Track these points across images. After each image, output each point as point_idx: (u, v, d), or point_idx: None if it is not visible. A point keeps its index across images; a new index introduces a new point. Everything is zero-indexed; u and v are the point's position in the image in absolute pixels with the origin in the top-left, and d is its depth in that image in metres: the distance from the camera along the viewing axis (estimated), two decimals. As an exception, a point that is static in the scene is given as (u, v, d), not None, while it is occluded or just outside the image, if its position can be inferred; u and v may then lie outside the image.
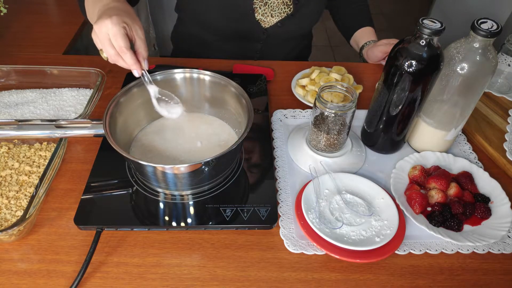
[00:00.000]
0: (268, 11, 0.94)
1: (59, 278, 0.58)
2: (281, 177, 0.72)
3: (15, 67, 0.89)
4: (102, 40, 0.60)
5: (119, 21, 0.59)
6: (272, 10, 0.95)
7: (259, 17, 0.95)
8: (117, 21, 0.58)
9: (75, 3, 1.31)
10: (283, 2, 0.94)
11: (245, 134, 0.62)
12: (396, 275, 0.60)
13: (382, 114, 0.72)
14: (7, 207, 0.64)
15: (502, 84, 0.95)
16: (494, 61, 0.63)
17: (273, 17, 0.96)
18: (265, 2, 0.93)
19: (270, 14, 0.95)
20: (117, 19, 0.59)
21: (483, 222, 0.66)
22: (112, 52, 0.60)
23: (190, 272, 0.59)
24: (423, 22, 0.61)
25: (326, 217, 0.64)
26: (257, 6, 0.94)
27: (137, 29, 0.62)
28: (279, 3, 0.94)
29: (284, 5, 0.95)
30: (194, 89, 0.77)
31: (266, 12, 0.94)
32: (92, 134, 0.66)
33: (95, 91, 0.83)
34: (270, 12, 0.95)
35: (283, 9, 0.95)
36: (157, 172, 0.62)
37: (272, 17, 0.96)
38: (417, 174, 0.71)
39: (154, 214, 0.66)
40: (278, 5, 0.94)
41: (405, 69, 0.64)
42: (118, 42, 0.59)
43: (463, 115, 0.72)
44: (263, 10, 0.94)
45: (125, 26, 0.59)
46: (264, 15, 0.95)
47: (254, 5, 0.94)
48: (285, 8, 0.95)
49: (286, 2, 0.95)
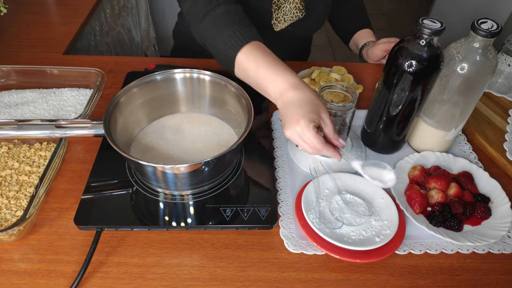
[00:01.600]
0: (281, 15, 0.94)
1: (59, 278, 0.58)
2: (281, 177, 0.72)
3: (15, 67, 0.89)
4: (296, 141, 0.60)
5: (308, 124, 0.57)
6: (285, 15, 0.94)
7: (273, 21, 0.95)
8: (305, 124, 0.57)
9: (75, 3, 1.31)
10: (296, 6, 0.94)
11: (245, 134, 0.62)
12: (396, 275, 0.60)
13: (382, 114, 0.72)
14: (7, 207, 0.64)
15: (502, 84, 0.95)
16: (494, 61, 0.63)
17: (285, 21, 0.96)
18: (279, 6, 0.93)
19: (283, 19, 0.95)
20: (305, 122, 0.57)
21: (483, 222, 0.66)
22: (309, 150, 0.60)
23: (190, 272, 0.59)
24: (423, 22, 0.61)
25: (326, 217, 0.64)
26: (273, 11, 0.94)
27: (324, 118, 0.60)
28: (292, 8, 0.94)
29: (296, 10, 0.95)
30: (194, 89, 0.77)
31: (279, 16, 0.94)
32: (92, 134, 0.66)
33: (95, 91, 0.83)
34: (283, 16, 0.94)
35: (296, 14, 0.95)
36: (157, 172, 0.62)
37: (285, 22, 0.96)
38: (417, 174, 0.71)
39: (154, 214, 0.66)
40: (291, 10, 0.94)
41: (405, 69, 0.64)
42: (313, 145, 0.59)
43: (463, 115, 0.72)
44: (277, 14, 0.94)
45: (314, 125, 0.58)
46: (277, 19, 0.95)
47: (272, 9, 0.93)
48: (297, 12, 0.95)
49: (299, 7, 0.95)
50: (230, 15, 0.69)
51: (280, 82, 0.62)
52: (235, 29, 0.66)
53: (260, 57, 0.64)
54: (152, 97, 0.75)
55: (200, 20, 0.70)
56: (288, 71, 0.63)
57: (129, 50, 1.84)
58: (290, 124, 0.59)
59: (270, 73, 0.63)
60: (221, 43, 0.66)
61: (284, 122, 0.60)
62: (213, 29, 0.69)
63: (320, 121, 0.60)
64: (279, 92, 0.62)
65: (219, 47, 0.67)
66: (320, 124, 0.60)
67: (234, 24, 0.67)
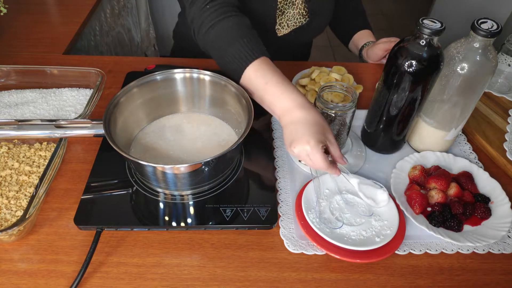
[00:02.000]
0: (285, 21, 0.94)
1: (59, 278, 0.58)
2: (281, 177, 0.72)
3: (15, 67, 0.89)
4: (303, 159, 0.62)
5: (317, 145, 0.59)
6: (288, 20, 0.95)
7: (276, 26, 0.95)
8: (315, 145, 0.59)
9: (75, 3, 1.31)
10: (299, 12, 0.94)
11: (245, 134, 0.62)
12: (396, 275, 0.60)
13: (382, 114, 0.72)
14: (7, 207, 0.64)
15: (502, 84, 0.95)
16: (494, 61, 0.63)
17: (289, 27, 0.96)
18: (283, 12, 0.93)
19: (287, 24, 0.95)
20: (315, 143, 0.59)
21: (483, 222, 0.66)
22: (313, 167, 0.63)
23: (190, 272, 0.59)
24: (423, 22, 0.61)
25: (326, 217, 0.64)
26: (277, 16, 0.94)
27: (330, 138, 0.62)
28: (295, 14, 0.94)
29: (300, 16, 0.95)
30: (194, 89, 0.77)
31: (282, 22, 0.94)
32: (92, 134, 0.66)
33: (95, 91, 0.83)
34: (287, 22, 0.95)
35: (299, 19, 0.96)
36: (157, 172, 0.62)
37: (288, 27, 0.96)
38: (417, 174, 0.71)
39: (154, 214, 0.66)
40: (294, 16, 0.94)
41: (405, 69, 0.64)
42: (319, 165, 0.60)
43: (463, 115, 0.72)
44: (280, 20, 0.94)
45: (322, 145, 0.60)
46: (281, 24, 0.95)
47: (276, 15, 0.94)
48: (301, 18, 0.96)
49: (302, 13, 0.95)
50: (240, 28, 0.70)
51: (287, 100, 0.63)
52: (243, 43, 0.67)
53: (269, 74, 0.65)
54: (152, 97, 0.75)
55: (206, 30, 0.70)
56: (296, 92, 0.64)
57: (129, 50, 1.84)
58: (299, 142, 0.60)
59: (278, 91, 0.64)
60: (229, 57, 0.67)
61: (291, 139, 0.61)
62: (221, 41, 0.69)
63: (327, 142, 0.62)
64: (285, 110, 0.63)
65: (228, 60, 0.68)
66: (327, 144, 0.62)
67: (243, 37, 0.67)
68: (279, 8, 0.92)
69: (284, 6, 0.92)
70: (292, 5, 0.93)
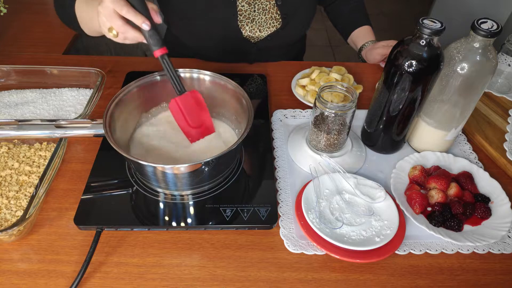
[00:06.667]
0: (256, 27, 0.94)
1: (59, 278, 0.58)
2: (281, 177, 0.72)
3: (15, 67, 0.89)
4: (108, 15, 0.61)
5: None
6: (260, 26, 0.94)
7: (246, 33, 0.95)
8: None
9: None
10: (272, 17, 0.94)
11: (245, 134, 0.62)
12: (396, 275, 0.60)
13: (382, 114, 0.72)
14: (7, 207, 0.64)
15: (502, 84, 0.95)
16: (494, 61, 0.63)
17: (261, 32, 0.96)
18: (252, 19, 0.93)
19: (258, 30, 0.95)
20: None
21: (483, 222, 0.66)
22: (119, 23, 0.61)
23: (190, 272, 0.59)
24: (423, 22, 0.61)
25: (326, 217, 0.64)
26: (244, 24, 0.94)
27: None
28: (267, 18, 0.94)
29: (272, 20, 0.94)
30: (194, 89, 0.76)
31: (253, 29, 0.94)
32: (92, 134, 0.66)
33: (95, 91, 0.83)
34: (258, 28, 0.94)
35: (272, 24, 0.95)
36: (157, 172, 0.62)
37: (261, 32, 0.96)
38: (417, 174, 0.71)
39: (154, 214, 0.66)
40: (266, 21, 0.94)
41: (405, 69, 0.64)
42: (122, 9, 0.60)
43: (463, 115, 0.72)
44: (251, 27, 0.94)
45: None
46: (252, 31, 0.95)
47: (241, 23, 0.94)
48: (274, 22, 0.95)
49: (275, 17, 0.94)
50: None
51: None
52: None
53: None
54: (152, 97, 0.75)
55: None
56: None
57: (129, 50, 1.84)
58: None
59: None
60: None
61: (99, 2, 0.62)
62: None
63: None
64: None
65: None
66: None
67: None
68: (246, 16, 0.93)
69: (252, 13, 0.93)
70: (262, 11, 0.93)
